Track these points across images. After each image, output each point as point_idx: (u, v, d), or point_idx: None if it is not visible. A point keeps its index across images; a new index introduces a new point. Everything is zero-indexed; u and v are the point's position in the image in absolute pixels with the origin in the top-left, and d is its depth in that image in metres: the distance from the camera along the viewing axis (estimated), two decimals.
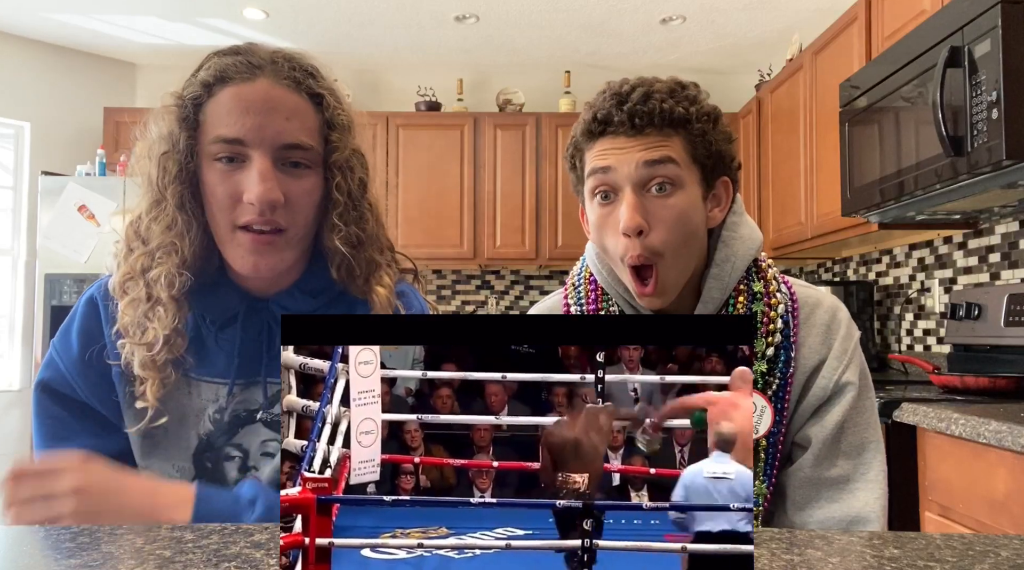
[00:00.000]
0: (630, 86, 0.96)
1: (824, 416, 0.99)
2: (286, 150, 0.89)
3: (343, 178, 0.94)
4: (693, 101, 0.96)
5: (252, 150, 0.88)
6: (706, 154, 0.97)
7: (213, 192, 0.89)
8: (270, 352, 0.96)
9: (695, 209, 0.97)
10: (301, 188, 0.91)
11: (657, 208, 0.94)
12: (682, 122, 0.94)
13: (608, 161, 0.95)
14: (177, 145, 0.89)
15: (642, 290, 0.97)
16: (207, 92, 0.90)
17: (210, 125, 0.89)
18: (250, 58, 0.91)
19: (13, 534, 0.69)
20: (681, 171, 0.95)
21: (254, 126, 0.87)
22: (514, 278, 4.70)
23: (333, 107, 0.95)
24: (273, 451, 0.96)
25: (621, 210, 0.94)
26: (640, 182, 0.94)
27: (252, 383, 0.96)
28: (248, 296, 0.96)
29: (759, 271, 1.04)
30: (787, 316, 1.01)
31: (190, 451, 0.95)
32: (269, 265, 0.91)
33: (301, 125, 0.91)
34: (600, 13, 3.76)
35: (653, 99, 0.94)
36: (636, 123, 0.93)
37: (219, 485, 0.95)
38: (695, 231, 0.98)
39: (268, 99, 0.89)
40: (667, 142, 0.94)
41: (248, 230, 0.89)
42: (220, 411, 0.96)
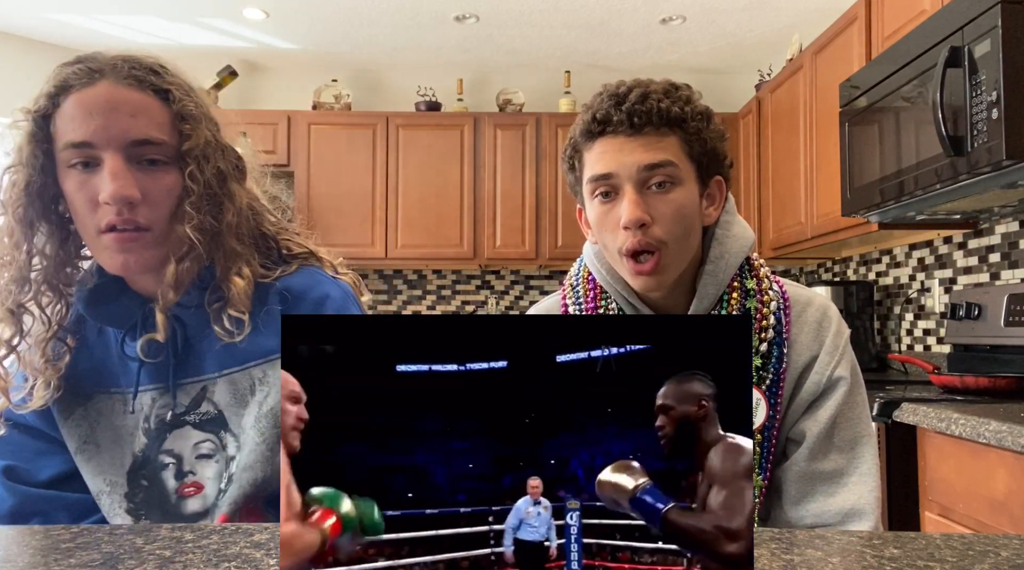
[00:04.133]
0: (627, 87, 0.99)
1: (817, 411, 1.01)
2: (137, 147, 0.89)
3: (197, 167, 0.93)
4: (687, 101, 0.99)
5: (102, 151, 0.88)
6: (701, 151, 0.99)
7: (73, 200, 0.90)
8: (175, 354, 0.96)
9: (693, 205, 1.00)
10: (159, 184, 0.91)
11: (657, 203, 0.97)
12: (678, 121, 0.97)
13: (608, 167, 0.97)
14: (23, 159, 0.90)
15: (640, 268, 0.98)
16: (52, 103, 0.90)
17: (60, 134, 0.90)
18: (90, 64, 0.91)
19: (13, 534, 0.69)
20: (679, 170, 0.97)
21: (99, 127, 0.88)
22: (514, 278, 4.70)
23: (181, 99, 0.94)
24: (208, 452, 0.96)
25: (623, 206, 0.96)
26: (641, 181, 0.97)
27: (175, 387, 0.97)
28: (146, 300, 0.97)
29: (752, 269, 1.06)
30: (779, 313, 1.03)
31: (124, 468, 0.96)
32: (138, 262, 0.91)
33: (149, 120, 0.91)
34: (600, 13, 3.76)
35: (650, 99, 0.96)
36: (635, 122, 0.96)
37: (157, 497, 0.95)
38: (693, 226, 1.00)
39: (110, 99, 0.89)
40: (664, 141, 0.97)
41: (111, 231, 0.89)
42: (147, 419, 0.97)
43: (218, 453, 0.96)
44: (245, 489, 0.94)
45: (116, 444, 0.96)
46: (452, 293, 4.69)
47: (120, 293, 0.97)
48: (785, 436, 1.03)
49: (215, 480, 0.96)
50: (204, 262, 0.96)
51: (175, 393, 0.96)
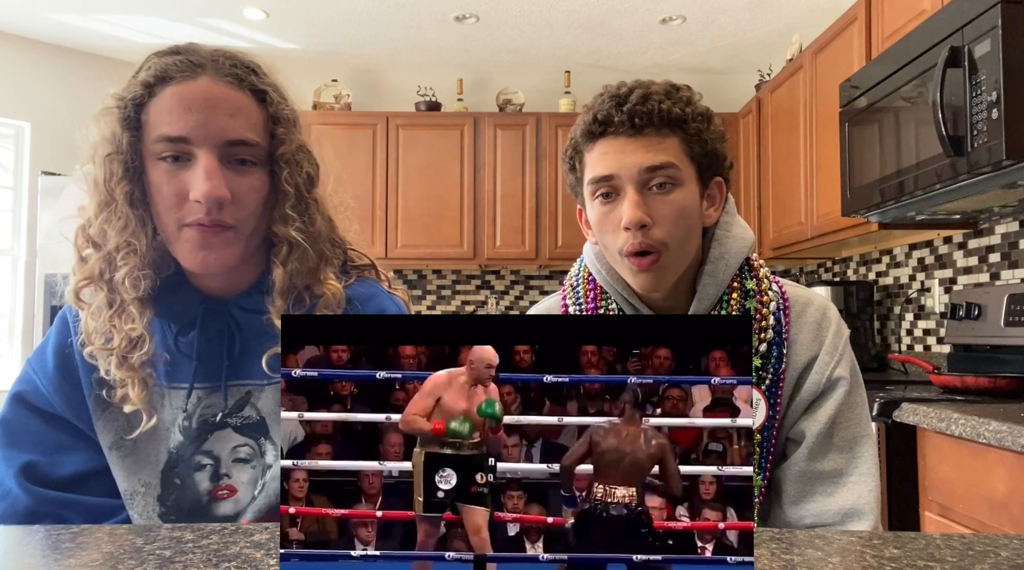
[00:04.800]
0: (628, 88, 0.99)
1: (817, 411, 1.01)
2: (231, 146, 0.89)
3: (290, 172, 0.93)
4: (688, 102, 0.99)
5: (196, 148, 0.87)
6: (702, 153, 0.99)
7: (159, 191, 0.88)
8: (231, 355, 0.95)
9: (694, 206, 1.00)
10: (248, 185, 0.90)
11: (658, 204, 0.97)
12: (679, 122, 0.97)
13: (610, 168, 0.97)
14: (120, 145, 0.89)
15: (640, 264, 0.97)
16: (148, 92, 0.89)
17: (153, 125, 0.88)
18: (190, 57, 0.90)
19: (13, 534, 0.69)
20: (680, 171, 0.97)
21: (197, 123, 0.87)
22: (514, 278, 4.70)
23: (277, 102, 0.94)
24: (246, 457, 0.95)
25: (623, 206, 0.96)
26: (642, 183, 0.97)
27: (217, 388, 0.95)
28: (207, 298, 0.96)
29: (751, 269, 1.07)
30: (779, 313, 1.03)
31: (158, 467, 0.95)
32: (218, 260, 0.89)
33: (245, 121, 0.90)
34: (600, 13, 3.75)
35: (651, 100, 0.96)
36: (636, 123, 0.96)
37: (188, 499, 0.94)
38: (694, 227, 1.01)
39: (210, 96, 0.88)
40: (665, 142, 0.97)
41: (194, 227, 0.88)
42: (188, 418, 0.95)
43: (255, 459, 0.95)
44: (271, 499, 0.93)
45: (151, 440, 0.94)
46: (452, 293, 4.69)
47: (179, 288, 0.95)
48: (785, 436, 1.03)
49: (249, 486, 0.94)
50: (309, 264, 0.95)
51: (226, 395, 0.95)
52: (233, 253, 0.90)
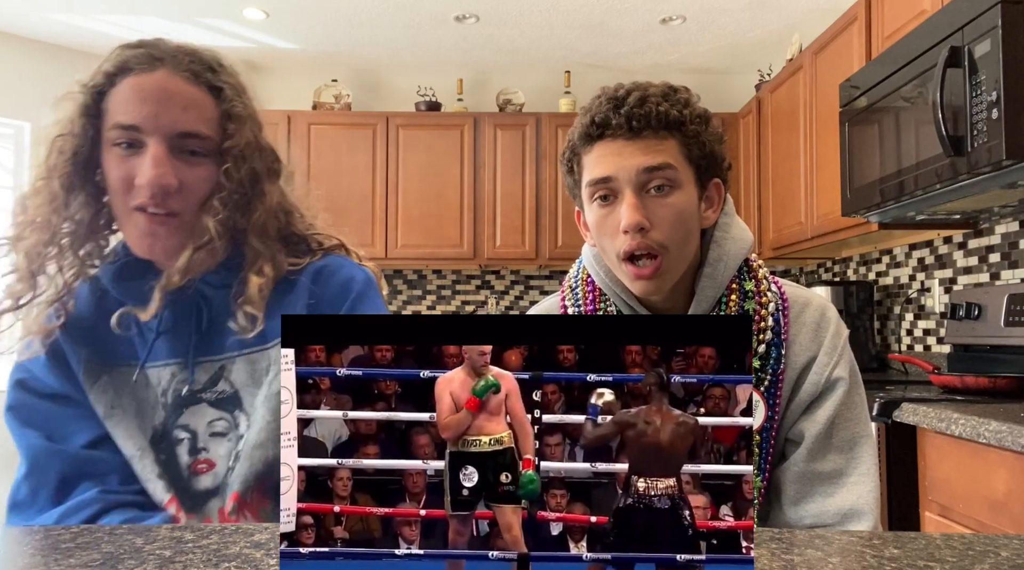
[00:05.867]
0: (625, 90, 0.98)
1: (816, 411, 1.01)
2: (182, 138, 0.93)
3: (234, 166, 0.96)
4: (686, 103, 0.99)
5: (148, 137, 0.91)
6: (700, 154, 0.99)
7: (111, 176, 0.93)
8: (199, 330, 0.99)
9: (692, 208, 0.99)
10: (196, 175, 0.94)
11: (657, 207, 0.96)
12: (677, 124, 0.97)
13: (608, 170, 0.97)
14: (73, 130, 0.94)
15: (640, 272, 0.98)
16: (109, 82, 0.94)
17: (111, 113, 0.93)
18: (152, 51, 0.95)
19: (13, 534, 0.69)
20: (678, 173, 0.97)
21: (150, 114, 0.91)
22: (514, 278, 4.70)
23: (231, 99, 0.97)
24: (222, 430, 0.98)
25: (622, 209, 0.96)
26: (640, 185, 0.96)
27: (193, 364, 0.99)
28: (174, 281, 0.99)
29: (750, 270, 1.06)
30: (777, 314, 1.03)
31: (147, 439, 0.98)
32: (164, 248, 0.94)
33: (198, 115, 0.94)
34: (600, 13, 3.75)
35: (649, 102, 0.96)
36: (634, 126, 0.95)
37: (174, 471, 0.97)
38: (692, 230, 1.00)
39: (165, 89, 0.93)
40: (663, 144, 0.96)
41: (142, 212, 0.92)
42: (165, 393, 0.99)
43: (231, 432, 0.98)
44: (256, 467, 0.96)
45: (140, 414, 0.98)
46: (452, 293, 4.69)
47: (146, 271, 0.99)
48: (784, 437, 1.03)
49: (226, 458, 0.97)
50: (219, 257, 0.98)
51: (193, 369, 0.99)
52: (178, 241, 0.95)
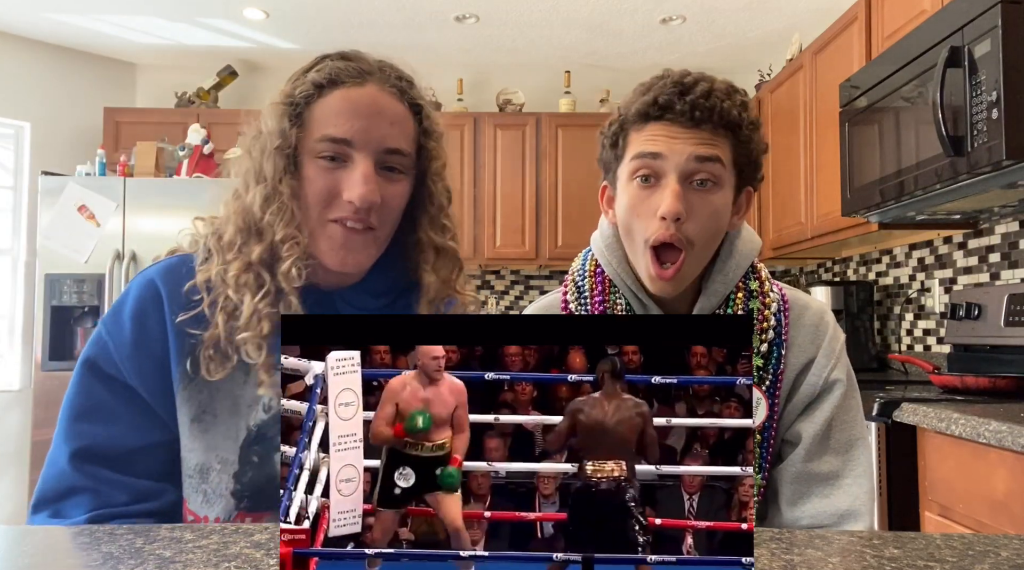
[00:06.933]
0: (693, 78, 0.98)
1: (814, 412, 1.02)
2: (387, 154, 0.93)
3: (442, 185, 1.00)
4: (745, 107, 0.99)
5: (356, 151, 0.92)
6: (746, 160, 1.00)
7: (312, 185, 0.93)
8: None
9: (726, 210, 1.00)
10: (395, 191, 0.95)
11: (697, 201, 0.96)
12: (735, 125, 0.97)
13: (659, 147, 0.96)
14: (289, 140, 0.93)
15: (661, 273, 0.97)
16: (318, 92, 0.93)
17: (317, 124, 0.93)
18: (360, 64, 0.96)
19: (13, 534, 0.69)
20: (724, 172, 0.97)
21: (361, 128, 0.92)
22: (514, 278, 4.70)
23: (429, 116, 0.99)
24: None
25: (663, 195, 0.95)
26: (686, 174, 0.96)
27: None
28: (315, 289, 0.98)
29: (754, 271, 1.07)
30: (779, 315, 1.04)
31: (237, 442, 0.95)
32: (357, 261, 0.94)
33: (402, 131, 0.95)
34: (600, 13, 3.75)
35: (715, 96, 0.96)
36: (696, 116, 0.95)
37: (264, 478, 0.94)
38: (720, 232, 1.01)
39: (375, 104, 0.93)
40: (717, 140, 0.96)
41: (340, 224, 0.92)
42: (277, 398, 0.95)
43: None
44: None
45: (233, 415, 0.95)
46: None
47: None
48: (781, 438, 1.04)
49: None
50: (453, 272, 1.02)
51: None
52: (370, 255, 0.96)
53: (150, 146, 3.87)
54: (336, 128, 0.91)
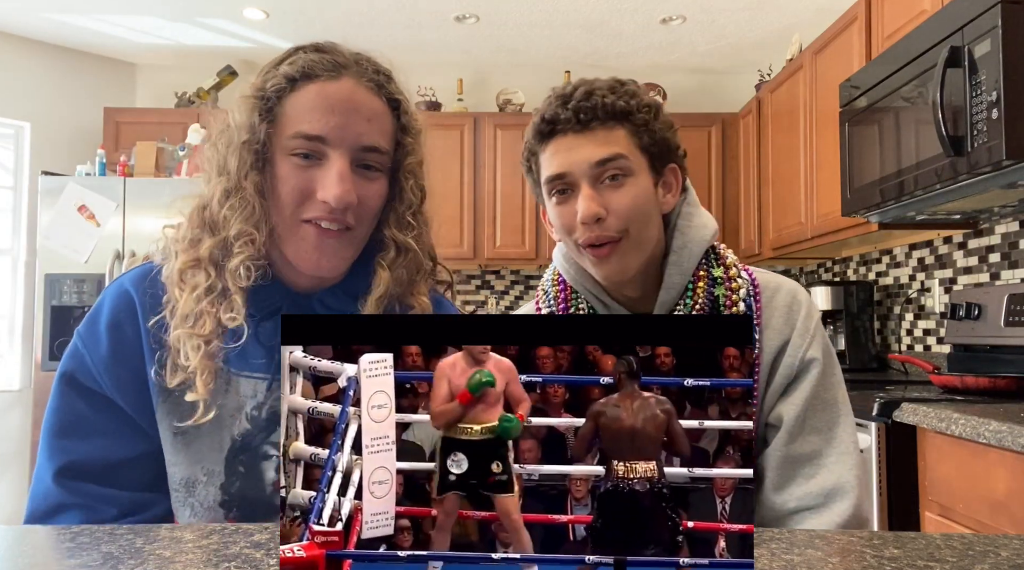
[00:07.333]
0: (572, 86, 1.02)
1: (793, 393, 1.02)
2: (363, 152, 0.89)
3: (415, 182, 0.95)
4: (633, 95, 1.02)
5: (331, 149, 0.87)
6: (651, 142, 1.02)
7: (285, 184, 0.88)
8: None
9: (647, 195, 1.02)
10: (372, 190, 0.91)
11: (612, 195, 0.99)
12: (624, 114, 1.00)
13: (562, 167, 1.00)
14: (257, 135, 0.88)
15: (598, 253, 1.00)
16: (291, 86, 0.89)
17: (290, 120, 0.88)
18: (336, 57, 0.90)
19: (13, 534, 0.69)
20: (630, 161, 1.00)
21: (337, 125, 0.87)
22: (514, 278, 4.70)
23: (408, 112, 0.95)
24: None
25: (578, 202, 0.99)
26: (593, 178, 1.00)
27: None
28: (291, 292, 0.95)
29: (718, 257, 1.08)
30: (749, 300, 1.05)
31: (222, 453, 0.92)
32: (332, 265, 0.90)
33: (379, 128, 0.91)
34: (600, 13, 3.75)
35: (595, 95, 0.99)
36: (582, 118, 0.99)
37: (253, 488, 0.91)
38: (651, 214, 1.03)
39: (351, 99, 0.88)
40: (612, 135, 0.99)
41: (313, 224, 0.88)
42: (258, 407, 0.92)
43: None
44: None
45: (216, 427, 0.91)
46: None
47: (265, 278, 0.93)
48: (764, 422, 1.04)
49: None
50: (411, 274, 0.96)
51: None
52: (346, 257, 0.91)
53: (150, 146, 3.87)
54: (310, 125, 0.87)
